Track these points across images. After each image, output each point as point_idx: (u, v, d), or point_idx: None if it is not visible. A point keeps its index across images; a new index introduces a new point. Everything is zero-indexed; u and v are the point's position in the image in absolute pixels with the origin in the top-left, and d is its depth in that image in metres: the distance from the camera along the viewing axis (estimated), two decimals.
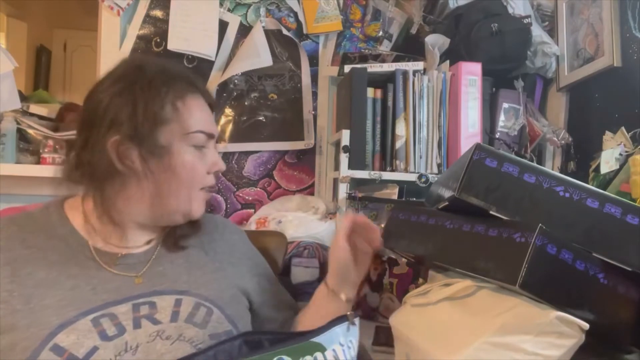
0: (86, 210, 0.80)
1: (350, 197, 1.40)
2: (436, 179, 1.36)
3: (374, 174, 1.41)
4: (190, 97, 0.81)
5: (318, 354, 0.65)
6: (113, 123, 0.75)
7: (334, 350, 0.67)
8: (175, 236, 0.85)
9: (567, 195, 0.71)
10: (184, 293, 0.79)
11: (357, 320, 0.73)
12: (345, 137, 1.42)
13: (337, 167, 1.51)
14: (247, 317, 0.87)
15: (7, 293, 0.71)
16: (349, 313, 0.72)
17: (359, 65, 1.50)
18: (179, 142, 0.79)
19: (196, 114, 0.81)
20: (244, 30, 1.70)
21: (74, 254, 0.77)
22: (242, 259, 0.93)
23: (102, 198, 0.78)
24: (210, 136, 0.83)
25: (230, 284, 0.86)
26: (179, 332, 0.74)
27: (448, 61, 1.49)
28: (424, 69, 1.51)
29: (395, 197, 1.37)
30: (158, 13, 1.64)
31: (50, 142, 1.48)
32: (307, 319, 0.92)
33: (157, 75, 0.79)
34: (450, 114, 1.46)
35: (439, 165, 1.45)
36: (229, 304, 0.83)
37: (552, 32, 1.56)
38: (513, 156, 0.75)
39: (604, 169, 1.22)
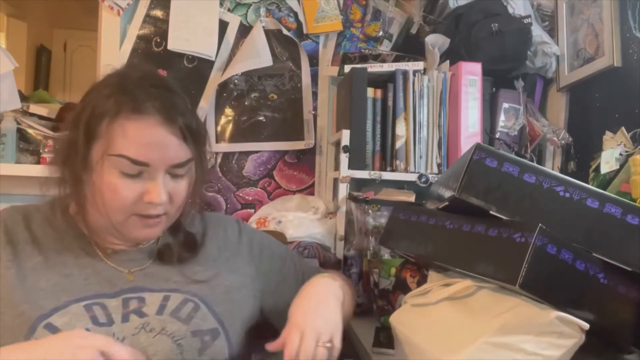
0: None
1: (355, 199, 1.39)
2: (436, 179, 1.36)
3: (374, 174, 1.41)
4: (134, 118, 0.74)
5: None
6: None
7: None
8: (171, 251, 0.86)
9: (567, 195, 0.71)
10: (174, 291, 0.82)
11: None
12: (345, 137, 1.42)
13: (337, 167, 1.51)
14: (240, 315, 0.86)
15: (6, 269, 0.76)
16: None
17: (359, 65, 1.50)
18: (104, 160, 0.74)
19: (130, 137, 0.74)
20: (244, 30, 1.70)
21: (71, 243, 0.82)
22: (263, 254, 0.96)
23: (78, 199, 0.81)
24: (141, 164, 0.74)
25: (225, 281, 0.87)
26: (162, 326, 0.77)
27: (448, 61, 1.49)
28: (424, 69, 1.50)
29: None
30: (158, 13, 1.64)
31: (50, 142, 1.48)
32: None
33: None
34: (450, 114, 1.46)
35: (439, 165, 1.45)
36: (220, 301, 0.84)
37: (552, 32, 1.56)
38: (513, 156, 0.75)
39: (604, 169, 1.22)
